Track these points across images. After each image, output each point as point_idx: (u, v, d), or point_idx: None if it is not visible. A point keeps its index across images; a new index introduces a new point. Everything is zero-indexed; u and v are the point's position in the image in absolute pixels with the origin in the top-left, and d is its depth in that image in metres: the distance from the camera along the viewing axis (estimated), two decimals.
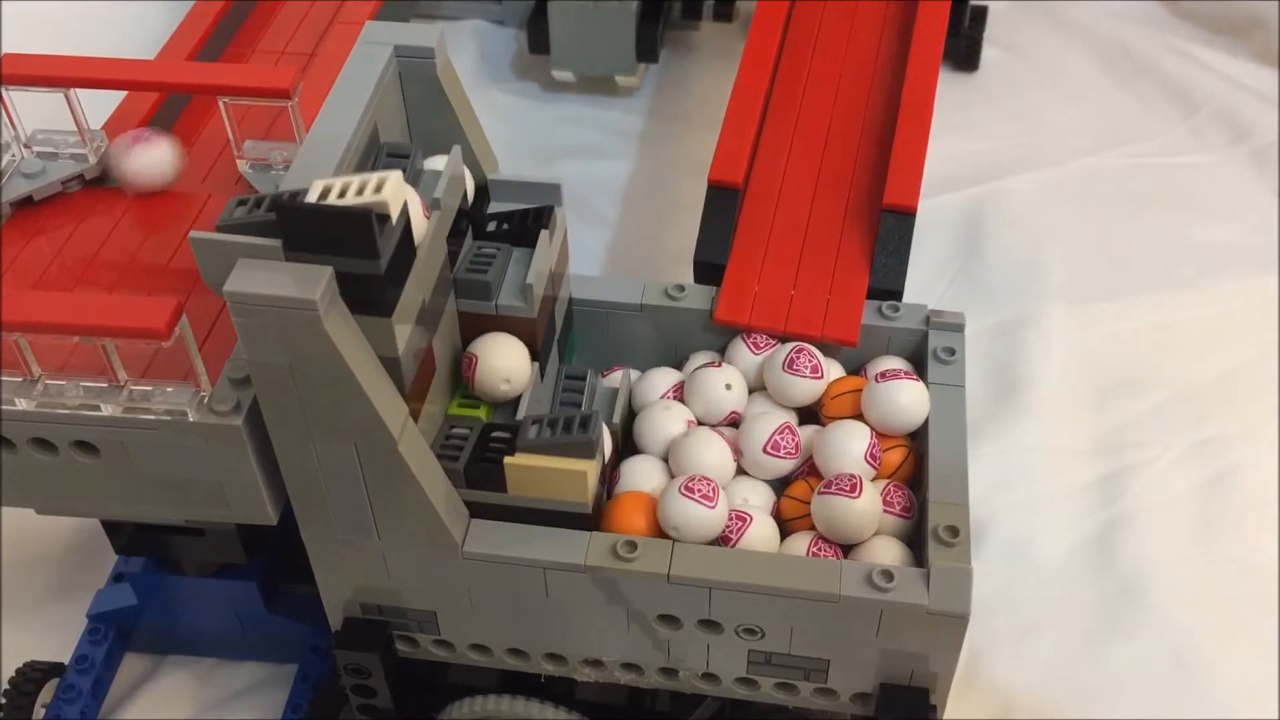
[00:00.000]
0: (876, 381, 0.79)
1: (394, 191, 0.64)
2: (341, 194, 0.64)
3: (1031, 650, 0.99)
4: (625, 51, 1.41)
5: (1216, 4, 1.53)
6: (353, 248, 0.63)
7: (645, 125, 1.46)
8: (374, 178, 0.64)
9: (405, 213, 0.66)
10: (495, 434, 0.74)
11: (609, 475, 0.78)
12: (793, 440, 0.79)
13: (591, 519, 0.74)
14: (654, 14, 1.41)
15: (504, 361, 0.76)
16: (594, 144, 1.43)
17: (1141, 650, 0.99)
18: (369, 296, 0.65)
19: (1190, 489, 1.09)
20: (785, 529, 0.78)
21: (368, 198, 0.63)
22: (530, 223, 0.77)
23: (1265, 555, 1.04)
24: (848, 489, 0.75)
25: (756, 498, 0.79)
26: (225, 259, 0.63)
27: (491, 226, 0.78)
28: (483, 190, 0.79)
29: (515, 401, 0.77)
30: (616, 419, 0.80)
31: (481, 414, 0.76)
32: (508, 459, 0.72)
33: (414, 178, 0.71)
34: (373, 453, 0.68)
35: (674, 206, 1.34)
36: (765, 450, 0.79)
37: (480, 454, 0.73)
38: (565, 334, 0.85)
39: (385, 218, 0.64)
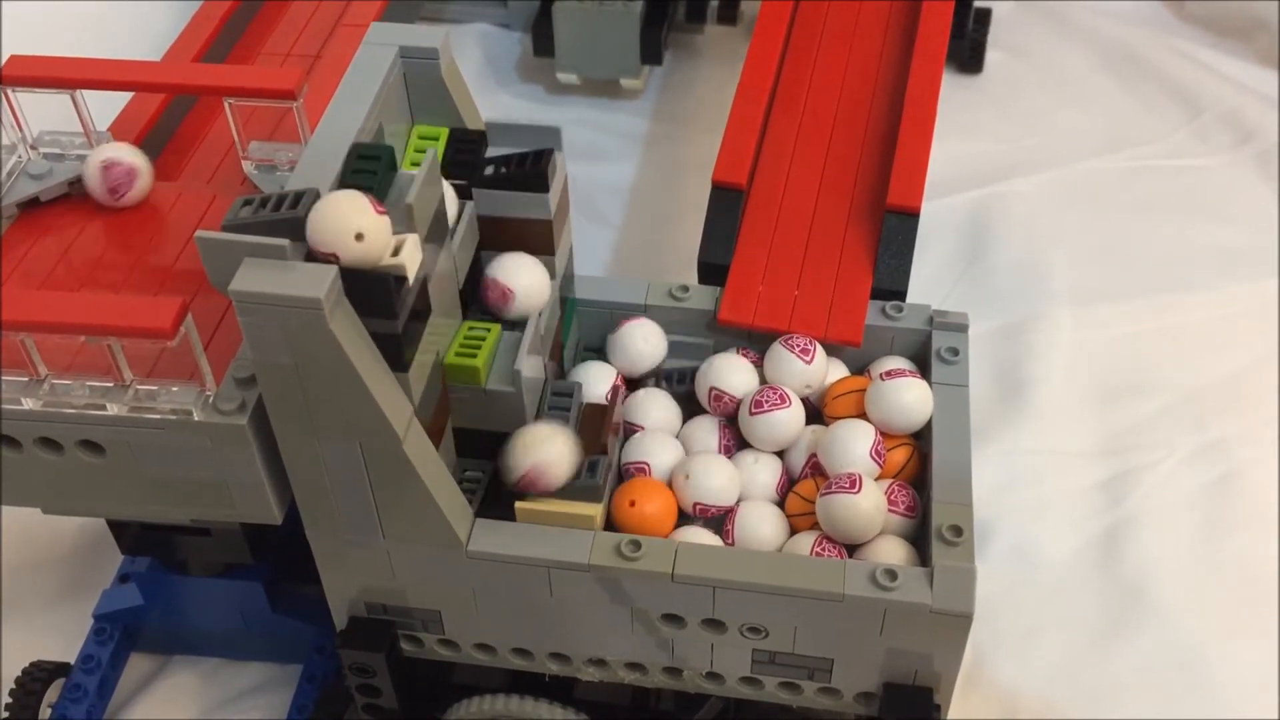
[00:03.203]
0: (881, 380, 0.80)
1: (410, 254, 0.65)
2: None
3: (1035, 651, 0.99)
4: (630, 54, 1.42)
5: (1220, 6, 1.53)
6: (370, 308, 0.64)
7: (649, 127, 1.46)
8: (392, 240, 0.65)
9: (421, 273, 0.67)
10: None
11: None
12: (775, 394, 0.80)
13: None
14: (658, 17, 1.42)
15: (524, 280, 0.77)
16: (598, 146, 1.43)
17: (1145, 651, 0.99)
18: (386, 353, 0.66)
19: (1194, 491, 1.09)
20: (791, 525, 0.79)
21: (385, 260, 0.65)
22: (529, 166, 0.77)
23: (1269, 557, 1.04)
24: (848, 485, 0.75)
25: (765, 473, 0.80)
26: (231, 258, 0.63)
27: (490, 171, 0.77)
28: (481, 136, 0.78)
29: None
30: None
31: (478, 363, 0.75)
32: (518, 503, 0.74)
33: (385, 182, 0.70)
34: (377, 452, 0.68)
35: (678, 208, 1.34)
36: (751, 412, 0.80)
37: (493, 497, 0.75)
38: (563, 308, 0.85)
39: (402, 280, 0.65)
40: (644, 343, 0.85)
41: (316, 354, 0.64)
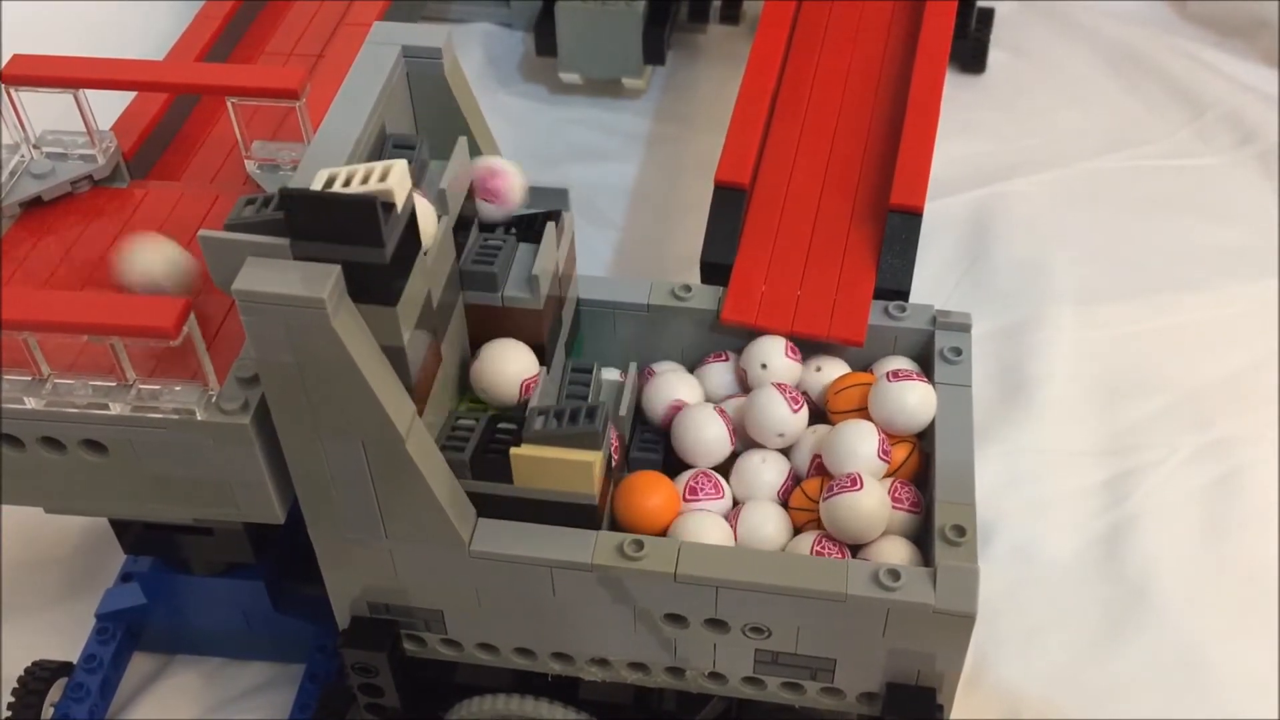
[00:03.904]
0: (888, 381, 0.79)
1: (399, 180, 0.64)
2: (347, 183, 0.64)
3: (1038, 651, 0.99)
4: (632, 54, 1.42)
5: (1223, 6, 1.53)
6: (358, 236, 0.63)
7: (652, 127, 1.46)
8: (379, 167, 0.64)
9: (410, 201, 0.66)
10: (501, 425, 0.74)
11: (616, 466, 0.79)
12: (797, 395, 0.81)
13: (597, 510, 0.74)
14: (660, 16, 1.42)
15: (513, 368, 0.76)
16: (601, 146, 1.43)
17: (1147, 651, 0.99)
18: (374, 285, 0.65)
19: (1196, 491, 1.09)
20: (792, 519, 0.79)
21: (373, 186, 0.63)
22: (538, 227, 0.78)
23: (1270, 557, 1.04)
24: (849, 484, 0.75)
25: (770, 473, 0.80)
26: (234, 258, 0.63)
27: (500, 230, 0.78)
28: None
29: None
30: (624, 411, 0.80)
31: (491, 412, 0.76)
32: (514, 450, 0.72)
33: (420, 168, 0.71)
34: (380, 451, 0.68)
35: (681, 208, 1.34)
36: (793, 409, 0.80)
37: (487, 445, 0.73)
38: (573, 336, 0.85)
39: (390, 206, 0.64)
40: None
41: (319, 353, 0.64)
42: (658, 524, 0.76)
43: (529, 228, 0.78)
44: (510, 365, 0.76)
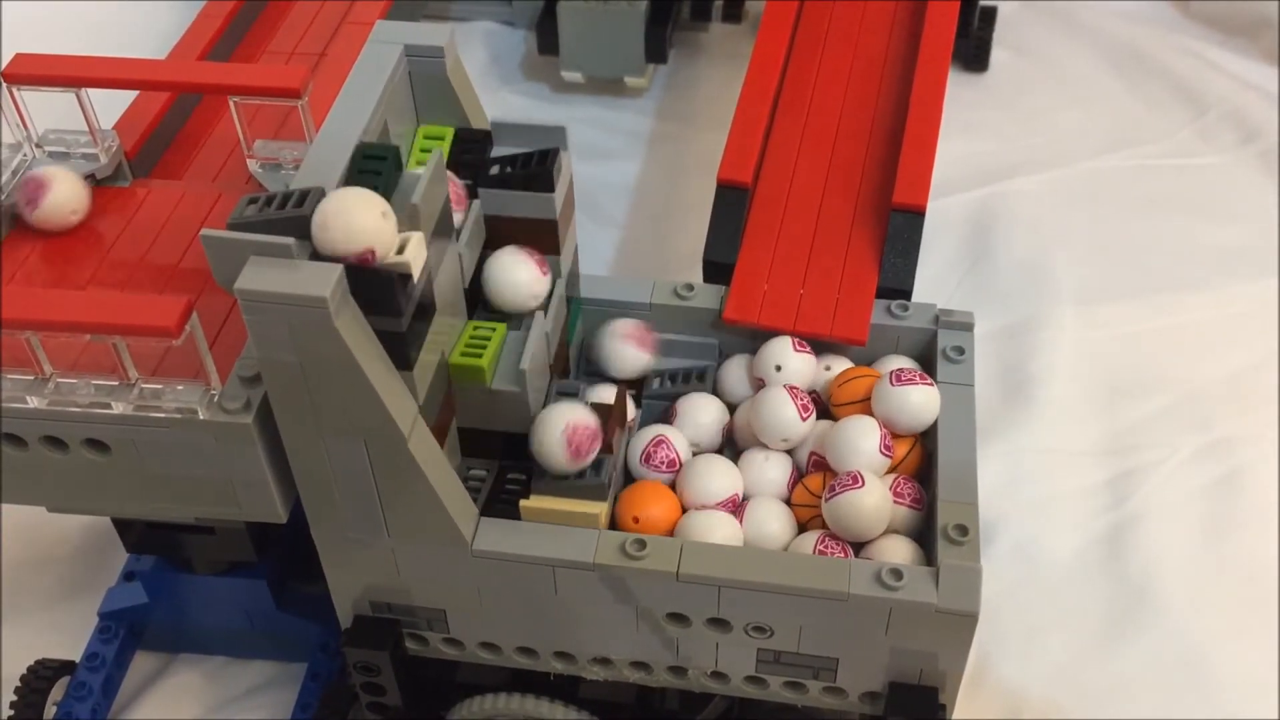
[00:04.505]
0: (891, 384, 0.79)
1: (415, 252, 0.66)
2: None
3: (1040, 650, 0.99)
4: (634, 53, 1.42)
5: (1226, 5, 1.53)
6: (376, 307, 0.65)
7: (654, 126, 1.46)
8: (397, 239, 0.66)
9: (426, 271, 0.68)
10: (511, 476, 0.76)
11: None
12: (808, 401, 0.81)
13: None
14: (663, 15, 1.42)
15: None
16: (603, 145, 1.43)
17: (1149, 651, 0.99)
18: (390, 352, 0.67)
19: (1198, 490, 1.09)
20: (795, 516, 0.79)
21: (390, 259, 0.65)
22: (535, 166, 0.77)
23: (1271, 557, 1.04)
24: (850, 483, 0.75)
25: (774, 470, 0.80)
26: (236, 257, 0.63)
27: (495, 170, 0.77)
28: (486, 136, 0.78)
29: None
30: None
31: (484, 362, 0.75)
32: (523, 501, 0.74)
33: (391, 181, 0.69)
34: (383, 450, 0.68)
35: (683, 206, 1.34)
36: (803, 416, 0.80)
37: (497, 495, 0.76)
38: (569, 308, 0.85)
39: (407, 278, 0.65)
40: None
41: (322, 352, 0.64)
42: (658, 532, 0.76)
43: (525, 166, 0.77)
44: (520, 274, 0.77)
